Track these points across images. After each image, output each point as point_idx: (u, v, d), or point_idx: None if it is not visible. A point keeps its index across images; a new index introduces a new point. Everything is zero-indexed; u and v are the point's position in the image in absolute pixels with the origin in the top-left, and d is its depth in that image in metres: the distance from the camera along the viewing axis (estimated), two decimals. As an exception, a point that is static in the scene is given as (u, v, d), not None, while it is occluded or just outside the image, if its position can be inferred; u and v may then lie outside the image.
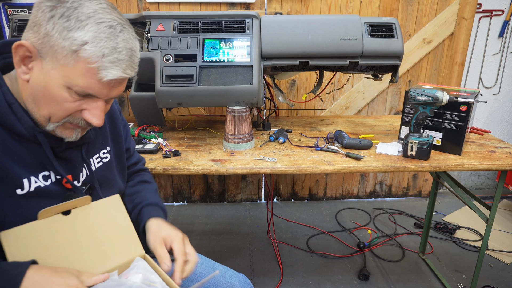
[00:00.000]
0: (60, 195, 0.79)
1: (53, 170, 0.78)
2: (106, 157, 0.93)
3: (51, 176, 0.78)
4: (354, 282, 1.88)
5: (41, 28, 0.67)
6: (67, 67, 0.68)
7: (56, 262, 0.72)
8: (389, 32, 1.50)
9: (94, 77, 0.69)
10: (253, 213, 2.55)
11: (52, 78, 0.69)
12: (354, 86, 2.44)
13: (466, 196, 1.58)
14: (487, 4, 2.38)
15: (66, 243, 0.75)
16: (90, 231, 0.79)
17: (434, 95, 1.27)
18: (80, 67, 0.68)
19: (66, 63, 0.67)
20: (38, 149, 0.75)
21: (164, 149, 1.39)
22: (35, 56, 0.69)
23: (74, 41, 0.66)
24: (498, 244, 2.17)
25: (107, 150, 0.94)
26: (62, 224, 0.76)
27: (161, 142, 1.43)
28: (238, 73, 1.43)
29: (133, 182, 1.08)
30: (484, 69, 2.55)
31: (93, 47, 0.67)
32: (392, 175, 2.70)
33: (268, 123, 1.69)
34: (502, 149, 1.44)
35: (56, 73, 0.68)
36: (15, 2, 2.05)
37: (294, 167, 1.28)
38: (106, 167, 0.93)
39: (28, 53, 0.69)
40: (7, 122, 0.71)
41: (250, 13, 1.48)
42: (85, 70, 0.68)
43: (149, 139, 1.47)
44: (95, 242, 0.79)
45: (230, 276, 1.07)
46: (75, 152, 0.83)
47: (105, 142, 0.94)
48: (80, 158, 0.85)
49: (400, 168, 1.30)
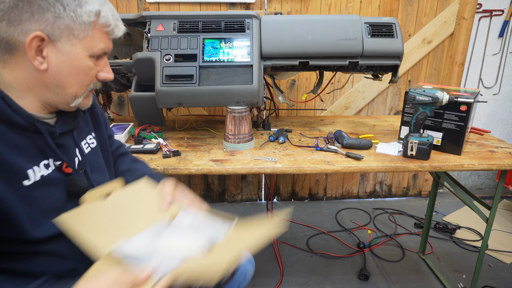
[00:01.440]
0: (61, 181, 0.80)
1: (53, 157, 0.79)
2: (92, 142, 0.96)
3: (51, 164, 0.79)
4: (354, 282, 1.88)
5: (48, 14, 0.69)
6: (87, 38, 0.75)
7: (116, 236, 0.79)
8: (389, 32, 1.50)
9: (108, 36, 0.79)
10: (253, 213, 2.55)
11: (75, 54, 0.74)
12: (354, 86, 2.44)
13: (466, 196, 1.58)
14: (487, 4, 2.38)
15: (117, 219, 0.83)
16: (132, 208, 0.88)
17: (434, 95, 1.27)
18: (97, 32, 0.76)
19: (85, 35, 0.74)
20: (37, 137, 0.76)
21: (164, 149, 1.39)
22: (47, 42, 0.71)
23: (90, 13, 0.73)
24: (498, 244, 2.17)
25: (92, 136, 0.97)
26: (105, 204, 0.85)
27: (161, 142, 1.44)
28: (238, 73, 1.43)
29: (126, 161, 1.12)
30: (484, 69, 2.55)
31: (105, 13, 0.76)
32: (392, 175, 2.70)
33: (268, 123, 1.69)
34: (502, 149, 1.44)
35: (78, 48, 0.74)
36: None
37: (294, 167, 1.28)
38: (94, 152, 0.95)
39: (39, 43, 0.70)
40: (4, 115, 0.71)
41: (250, 13, 1.48)
42: (102, 34, 0.77)
43: (149, 139, 1.47)
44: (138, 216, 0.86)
45: None
46: (67, 137, 0.85)
47: (89, 128, 0.97)
48: (73, 143, 0.87)
49: (400, 168, 1.30)
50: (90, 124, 0.97)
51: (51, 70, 0.73)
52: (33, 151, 0.76)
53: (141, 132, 1.50)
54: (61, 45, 0.72)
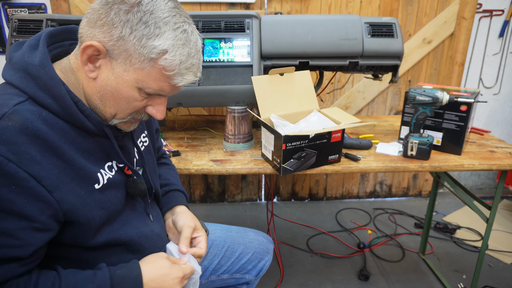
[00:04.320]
0: (123, 182, 0.82)
1: (116, 159, 0.80)
2: (146, 140, 0.97)
3: (114, 166, 0.80)
4: (354, 282, 1.88)
5: (115, 30, 0.67)
6: (142, 71, 0.69)
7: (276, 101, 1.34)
8: (389, 32, 1.50)
9: (168, 81, 0.72)
10: (253, 213, 2.55)
11: (124, 80, 0.70)
12: (354, 86, 2.44)
13: (466, 196, 1.58)
14: (487, 4, 2.38)
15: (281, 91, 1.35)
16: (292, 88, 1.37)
17: (434, 95, 1.27)
18: (155, 72, 0.70)
19: (141, 67, 0.69)
20: (103, 141, 0.78)
21: (164, 149, 1.39)
22: (103, 55, 0.69)
23: (154, 49, 0.67)
24: (498, 244, 2.17)
25: (145, 134, 0.97)
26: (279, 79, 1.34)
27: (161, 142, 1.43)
28: (238, 73, 1.43)
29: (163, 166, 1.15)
30: (484, 69, 2.54)
31: (172, 56, 0.69)
32: (392, 175, 2.70)
33: (268, 123, 1.68)
34: (502, 149, 1.44)
35: (129, 75, 0.70)
36: (15, 2, 2.05)
37: (294, 167, 1.27)
38: (147, 150, 0.96)
39: (96, 53, 0.69)
40: (76, 121, 0.72)
41: (250, 13, 1.47)
42: (160, 75, 0.70)
43: (149, 139, 1.47)
44: (294, 94, 1.37)
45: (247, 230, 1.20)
46: (127, 138, 0.86)
47: (143, 126, 0.98)
48: (132, 144, 0.88)
49: (400, 168, 1.29)
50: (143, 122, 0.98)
51: (98, 81, 0.72)
52: (99, 155, 0.77)
53: (141, 132, 1.50)
54: (116, 64, 0.69)
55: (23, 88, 0.68)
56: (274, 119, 1.29)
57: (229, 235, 1.16)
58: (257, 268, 1.15)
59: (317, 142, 1.21)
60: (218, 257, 1.11)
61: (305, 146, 1.19)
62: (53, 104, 0.69)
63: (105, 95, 0.73)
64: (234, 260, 1.12)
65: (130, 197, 0.85)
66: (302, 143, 1.18)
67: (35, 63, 0.69)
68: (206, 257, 1.10)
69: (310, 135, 1.18)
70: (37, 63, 0.69)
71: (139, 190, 0.84)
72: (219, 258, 1.11)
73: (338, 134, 1.24)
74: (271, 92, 1.33)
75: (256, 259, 1.14)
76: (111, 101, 0.73)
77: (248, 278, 1.15)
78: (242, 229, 1.20)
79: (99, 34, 0.68)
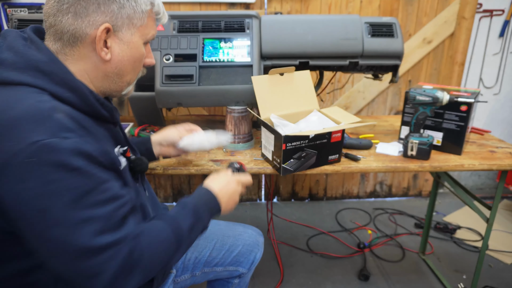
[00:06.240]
0: (127, 165, 0.86)
1: (120, 143, 0.84)
2: None
3: (120, 150, 0.84)
4: (354, 283, 1.88)
5: (112, 5, 0.71)
6: (143, 26, 0.78)
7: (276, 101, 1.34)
8: (389, 32, 1.50)
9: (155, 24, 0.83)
10: (253, 213, 2.55)
11: (134, 42, 0.77)
12: (354, 86, 2.44)
13: (466, 196, 1.57)
14: (487, 4, 2.38)
15: (282, 91, 1.35)
16: (292, 88, 1.37)
17: (434, 95, 1.27)
18: (150, 20, 0.80)
19: (141, 23, 0.77)
20: (111, 128, 0.81)
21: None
22: (110, 34, 0.73)
23: (147, 2, 0.77)
24: (498, 244, 2.16)
25: None
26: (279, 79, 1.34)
27: (161, 142, 1.43)
28: (238, 73, 1.42)
29: None
30: (484, 69, 2.54)
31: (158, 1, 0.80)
32: (392, 175, 2.70)
33: (268, 123, 1.68)
34: (502, 149, 1.44)
35: (136, 36, 0.77)
36: (15, 2, 2.05)
37: (294, 167, 1.27)
38: None
39: (105, 35, 0.72)
40: (93, 110, 0.74)
41: (250, 13, 1.47)
42: (153, 22, 0.81)
43: (149, 139, 1.47)
44: (294, 94, 1.37)
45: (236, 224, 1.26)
46: None
47: None
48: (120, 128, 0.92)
49: (400, 168, 1.29)
50: None
51: (113, 60, 0.75)
52: (110, 140, 0.80)
53: (141, 132, 1.50)
54: (122, 34, 0.74)
55: (40, 86, 0.67)
56: (274, 119, 1.29)
57: (218, 229, 1.20)
58: (248, 261, 1.18)
59: (317, 142, 1.21)
60: (208, 248, 1.15)
61: (305, 146, 1.19)
62: (72, 96, 0.70)
63: (124, 67, 0.78)
64: (225, 252, 1.16)
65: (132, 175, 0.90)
66: (302, 143, 1.18)
67: (45, 60, 0.69)
68: (196, 249, 1.15)
69: (310, 135, 1.18)
70: (46, 59, 0.69)
71: (145, 166, 0.91)
72: (210, 250, 1.15)
73: (338, 134, 1.24)
74: (271, 92, 1.33)
75: (247, 252, 1.18)
76: (128, 69, 0.79)
77: (241, 270, 1.19)
78: (231, 223, 1.25)
79: (99, 17, 0.70)
